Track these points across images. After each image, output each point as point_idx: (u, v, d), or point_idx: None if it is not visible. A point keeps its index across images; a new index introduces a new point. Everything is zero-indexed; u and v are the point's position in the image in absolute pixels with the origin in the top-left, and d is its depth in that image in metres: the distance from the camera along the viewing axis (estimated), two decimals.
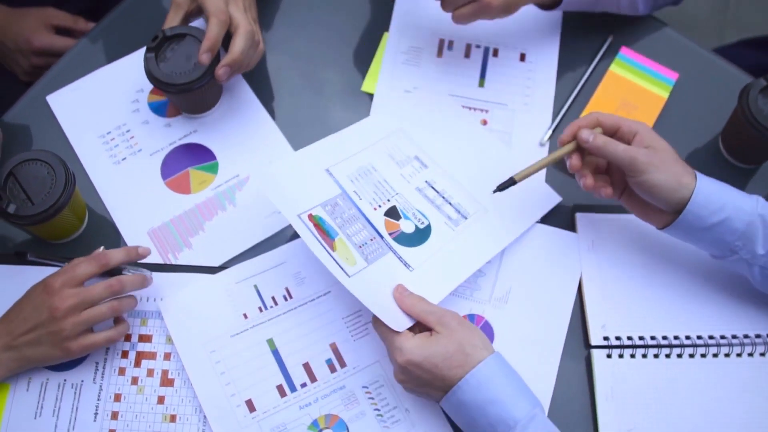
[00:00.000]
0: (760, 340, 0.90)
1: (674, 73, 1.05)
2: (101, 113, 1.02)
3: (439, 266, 0.90)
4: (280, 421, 0.86)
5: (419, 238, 0.92)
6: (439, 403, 0.82)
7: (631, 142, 0.86)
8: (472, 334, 0.81)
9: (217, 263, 0.94)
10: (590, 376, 0.89)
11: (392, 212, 0.93)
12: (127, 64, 1.05)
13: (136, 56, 1.05)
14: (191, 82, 0.94)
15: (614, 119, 0.88)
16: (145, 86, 1.04)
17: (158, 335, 0.90)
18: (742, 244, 0.84)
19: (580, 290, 0.93)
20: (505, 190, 0.89)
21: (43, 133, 1.02)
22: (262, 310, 0.91)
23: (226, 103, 1.03)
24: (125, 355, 0.89)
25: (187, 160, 1.00)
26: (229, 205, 0.98)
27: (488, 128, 1.03)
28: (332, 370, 0.88)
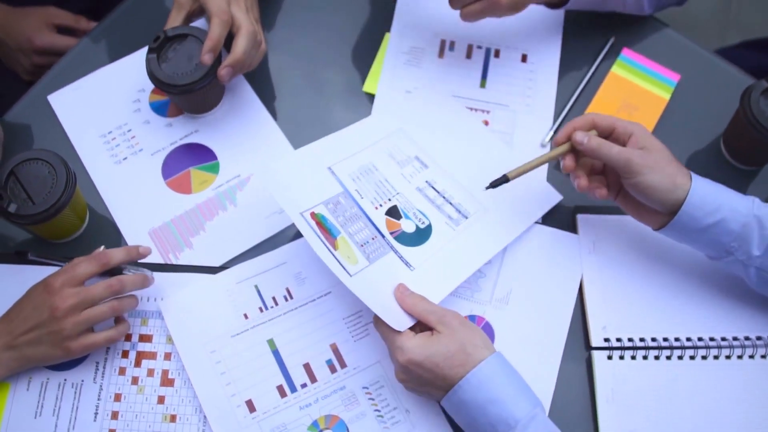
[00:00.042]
0: (761, 342, 0.90)
1: (676, 74, 1.05)
2: (102, 113, 1.02)
3: (439, 266, 0.90)
4: (280, 421, 0.86)
5: (420, 237, 0.92)
6: (440, 402, 0.82)
7: (626, 142, 0.86)
8: (473, 333, 0.81)
9: (217, 263, 0.94)
10: (591, 377, 0.89)
11: (393, 212, 0.93)
12: (128, 63, 1.05)
13: (137, 56, 1.05)
14: (193, 82, 0.94)
15: (610, 120, 0.87)
16: (146, 86, 1.04)
17: (159, 335, 0.90)
18: (737, 245, 0.84)
19: (580, 291, 0.93)
20: (497, 187, 0.89)
21: (44, 132, 1.02)
22: (262, 310, 0.91)
23: (227, 102, 1.03)
24: (125, 354, 0.89)
25: (188, 160, 1.00)
26: (230, 205, 0.98)
27: (489, 129, 1.03)
28: (333, 370, 0.88)
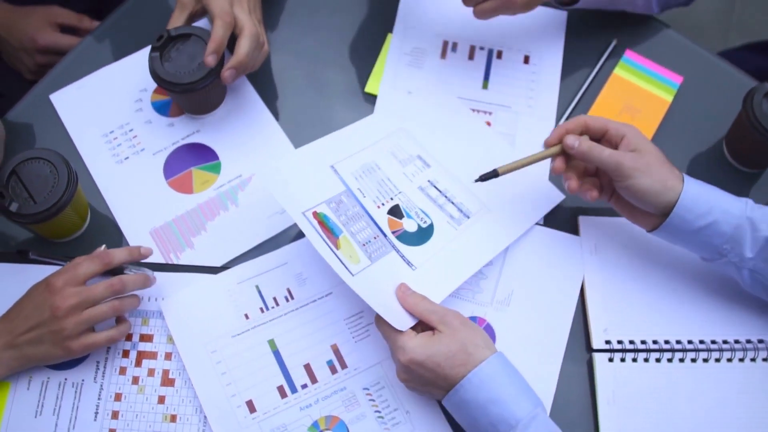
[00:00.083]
0: (762, 345, 0.89)
1: (679, 76, 1.05)
2: (104, 112, 1.02)
3: (441, 265, 0.90)
4: (280, 422, 0.86)
5: (422, 237, 0.92)
6: (441, 401, 0.82)
7: (618, 144, 0.86)
8: (474, 333, 0.81)
9: (218, 263, 0.94)
10: (592, 379, 0.89)
11: (395, 211, 0.93)
12: (131, 63, 1.05)
13: (140, 55, 1.05)
14: (195, 81, 0.94)
15: (602, 122, 0.87)
16: (148, 85, 1.04)
17: (159, 335, 0.90)
18: (730, 247, 0.84)
19: (582, 293, 0.93)
20: (486, 180, 0.89)
21: (46, 131, 1.02)
22: (263, 310, 0.91)
23: (229, 103, 1.03)
24: (126, 354, 0.89)
25: (189, 159, 1.00)
26: (231, 205, 0.98)
27: (491, 130, 1.02)
28: (333, 371, 0.88)
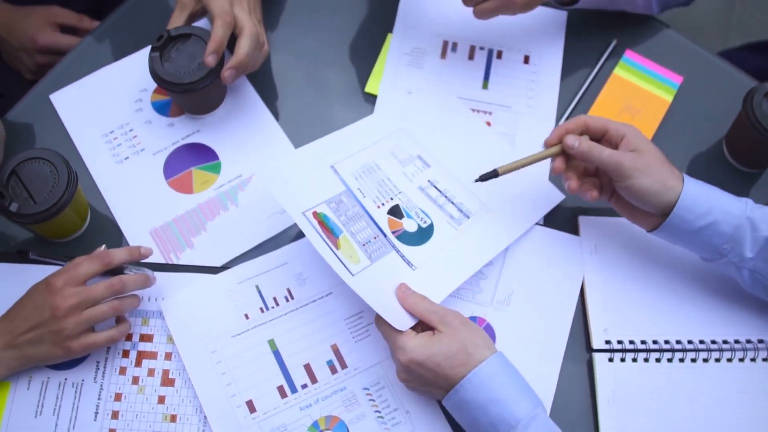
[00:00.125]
0: (762, 345, 0.89)
1: (679, 76, 1.05)
2: (104, 112, 1.02)
3: (441, 265, 0.90)
4: (280, 422, 0.86)
5: (422, 236, 0.92)
6: (441, 401, 0.82)
7: (618, 144, 0.86)
8: (474, 333, 0.81)
9: (218, 263, 0.94)
10: (592, 379, 0.89)
11: (395, 211, 0.93)
12: (131, 63, 1.05)
13: (140, 55, 1.05)
14: (195, 81, 0.94)
15: (602, 122, 0.87)
16: (148, 85, 1.04)
17: (159, 335, 0.90)
18: (730, 247, 0.84)
19: (582, 293, 0.93)
20: (486, 180, 0.89)
21: (46, 131, 1.02)
22: (263, 310, 0.91)
23: (229, 103, 1.03)
24: (126, 354, 0.89)
25: (189, 159, 1.00)
26: (231, 205, 0.98)
27: (491, 130, 1.02)
28: (333, 371, 0.88)
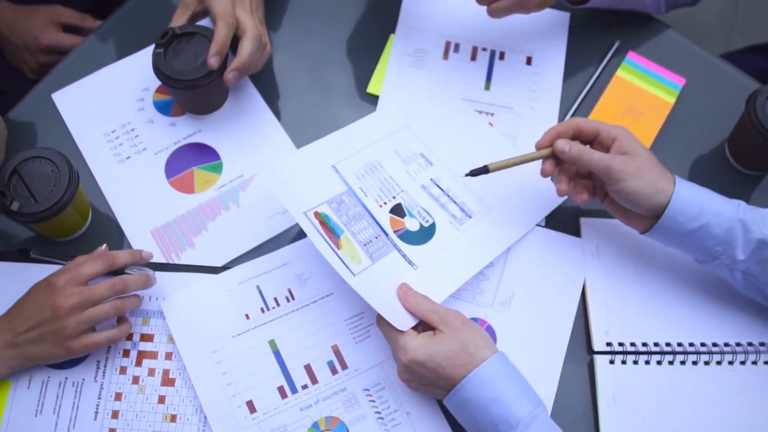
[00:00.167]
0: (763, 348, 0.89)
1: (681, 78, 1.05)
2: (106, 111, 1.02)
3: (443, 265, 0.90)
4: (280, 422, 0.86)
5: (424, 236, 0.91)
6: (442, 401, 0.82)
7: (610, 147, 0.86)
8: (475, 333, 0.81)
9: (219, 263, 0.94)
10: (592, 382, 0.89)
11: (397, 210, 0.93)
12: (133, 62, 1.05)
13: (142, 55, 1.05)
14: (198, 79, 0.93)
15: (593, 124, 0.87)
16: (150, 85, 1.04)
17: (160, 334, 0.90)
18: (722, 249, 0.84)
19: (583, 295, 0.93)
20: (476, 176, 0.89)
21: (47, 130, 1.02)
22: (264, 311, 0.91)
23: (231, 103, 1.03)
24: (126, 354, 0.89)
25: (191, 159, 1.00)
26: (232, 205, 0.98)
27: (494, 131, 1.02)
28: (333, 372, 0.88)
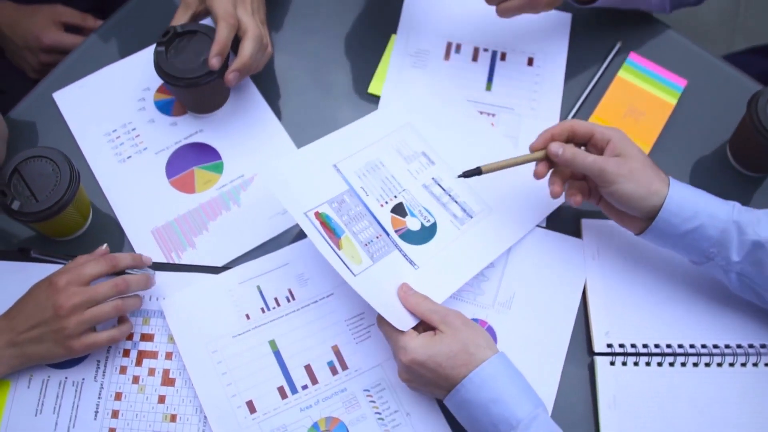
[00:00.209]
0: (764, 350, 0.89)
1: (683, 79, 1.05)
2: (107, 111, 1.02)
3: (444, 265, 0.90)
4: (280, 422, 0.85)
5: (425, 236, 0.91)
6: (443, 401, 0.82)
7: (604, 149, 0.86)
8: (475, 333, 0.81)
9: (220, 263, 0.94)
10: (593, 383, 0.89)
11: (399, 209, 0.92)
12: (134, 62, 1.05)
13: (143, 54, 1.05)
14: (199, 77, 0.93)
15: (588, 127, 0.87)
16: (151, 84, 1.04)
17: (160, 334, 0.90)
18: (716, 251, 0.84)
19: (584, 296, 0.93)
20: (469, 177, 0.89)
21: (48, 130, 1.02)
22: (264, 311, 0.91)
23: (232, 102, 1.03)
24: (127, 353, 0.89)
25: (192, 159, 1.00)
26: (233, 205, 0.98)
27: (497, 131, 1.02)
28: (334, 372, 0.88)
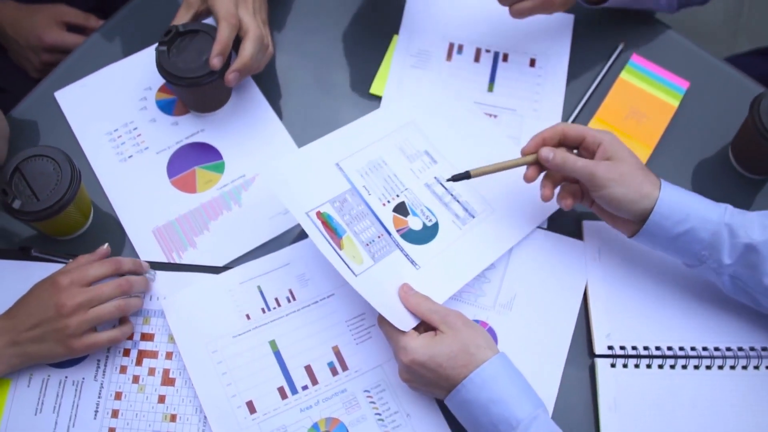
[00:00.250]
0: (766, 353, 0.89)
1: (685, 81, 1.05)
2: (109, 110, 1.02)
3: (445, 265, 0.90)
4: (280, 423, 0.85)
5: (426, 235, 0.91)
6: (443, 401, 0.82)
7: (595, 152, 0.86)
8: (476, 334, 0.81)
9: (221, 263, 0.94)
10: (594, 385, 0.88)
11: (401, 208, 0.92)
12: (136, 61, 1.05)
13: (145, 54, 1.05)
14: (201, 76, 0.94)
15: (579, 130, 0.87)
16: (153, 84, 1.04)
17: (160, 334, 0.90)
18: (708, 253, 0.84)
19: (585, 298, 0.92)
20: (457, 181, 0.90)
21: (50, 129, 1.02)
22: (264, 311, 0.91)
23: (233, 102, 1.03)
24: (127, 353, 0.89)
25: (193, 159, 1.00)
26: (234, 205, 0.98)
27: (500, 131, 1.02)
28: (334, 373, 0.88)
